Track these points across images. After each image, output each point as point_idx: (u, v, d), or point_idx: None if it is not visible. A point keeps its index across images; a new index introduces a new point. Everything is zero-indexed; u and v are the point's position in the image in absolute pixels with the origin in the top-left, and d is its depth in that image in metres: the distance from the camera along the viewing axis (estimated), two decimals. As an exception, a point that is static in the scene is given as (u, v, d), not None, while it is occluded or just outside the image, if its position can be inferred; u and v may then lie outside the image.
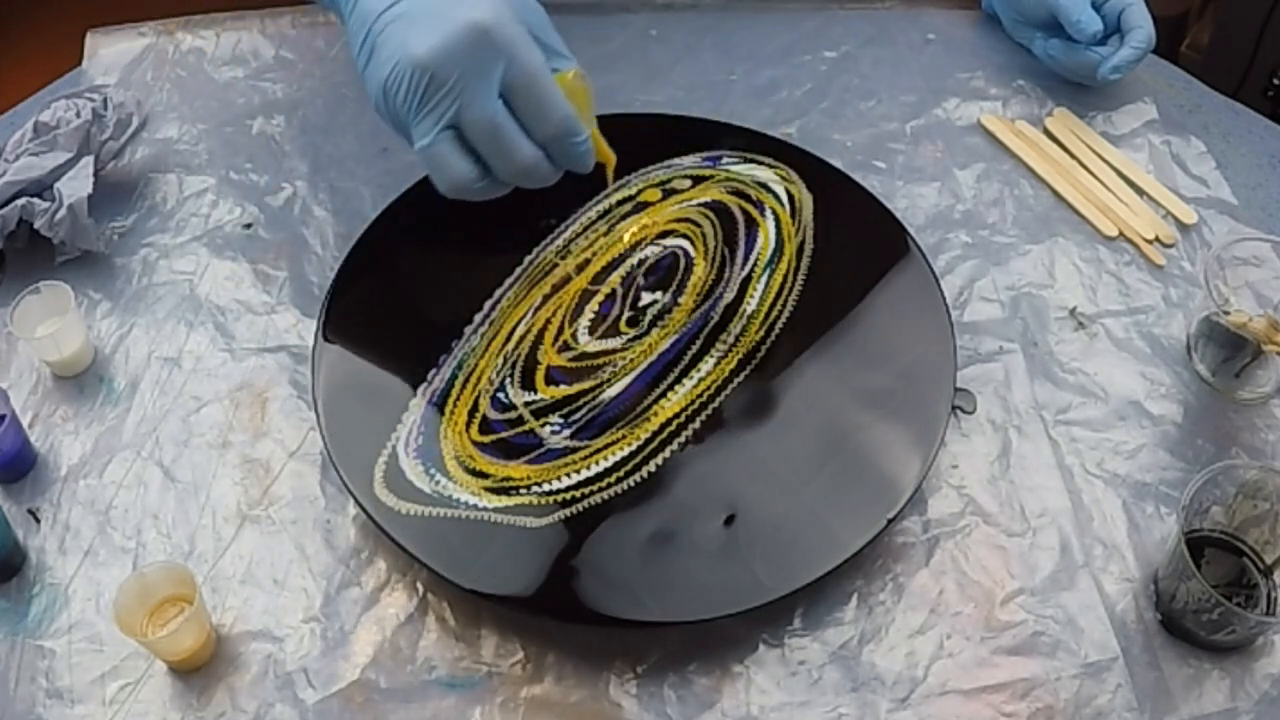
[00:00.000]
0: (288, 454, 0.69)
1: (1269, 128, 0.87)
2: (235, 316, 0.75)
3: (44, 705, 0.60)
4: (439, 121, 0.60)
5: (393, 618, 0.62)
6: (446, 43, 0.58)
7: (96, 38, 0.92)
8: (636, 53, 0.92)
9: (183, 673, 0.60)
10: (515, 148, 0.60)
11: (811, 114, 0.87)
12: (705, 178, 0.79)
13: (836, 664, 0.61)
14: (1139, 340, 0.74)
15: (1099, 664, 0.61)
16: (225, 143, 0.85)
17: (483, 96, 0.59)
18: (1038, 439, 0.69)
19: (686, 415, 0.67)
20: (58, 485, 0.67)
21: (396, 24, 0.60)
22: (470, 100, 0.59)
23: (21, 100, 0.88)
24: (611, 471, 0.65)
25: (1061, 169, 0.83)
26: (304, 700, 0.60)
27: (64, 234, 0.75)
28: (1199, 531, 0.63)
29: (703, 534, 0.63)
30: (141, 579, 0.60)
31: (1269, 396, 0.71)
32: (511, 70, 0.59)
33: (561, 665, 0.61)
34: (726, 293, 0.73)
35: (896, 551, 0.65)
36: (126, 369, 0.72)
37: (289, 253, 0.78)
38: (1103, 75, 0.83)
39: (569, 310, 0.73)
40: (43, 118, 0.79)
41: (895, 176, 0.83)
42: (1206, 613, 0.59)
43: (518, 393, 0.69)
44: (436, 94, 0.59)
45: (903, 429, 0.67)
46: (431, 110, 0.59)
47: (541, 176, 0.63)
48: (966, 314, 0.75)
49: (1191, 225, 0.80)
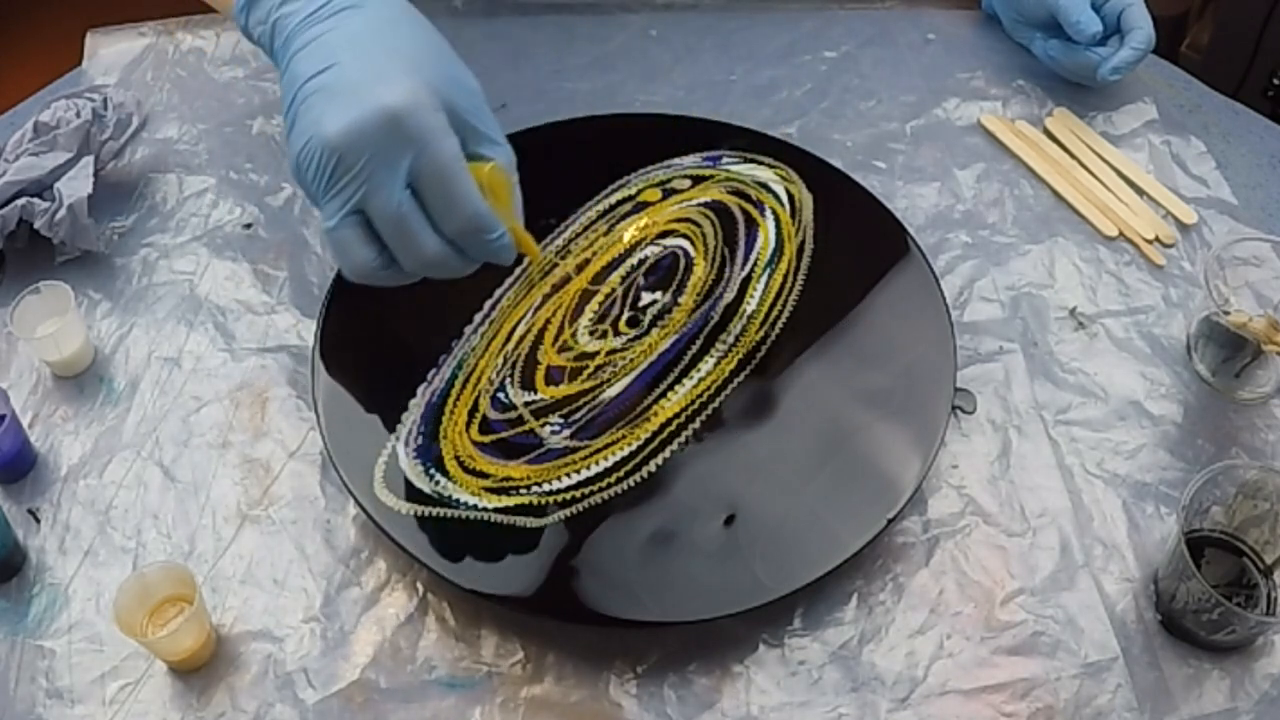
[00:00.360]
0: (288, 454, 0.69)
1: (1269, 128, 0.87)
2: (235, 316, 0.75)
3: (44, 705, 0.60)
4: (344, 205, 0.56)
5: (393, 618, 0.62)
6: (356, 125, 0.55)
7: (96, 38, 0.92)
8: (636, 53, 0.92)
9: (183, 673, 0.60)
10: (420, 241, 0.57)
11: (811, 114, 0.87)
12: (705, 178, 0.79)
13: (836, 664, 0.61)
14: (1139, 340, 0.74)
15: (1099, 664, 0.61)
16: (225, 143, 0.85)
17: (389, 185, 0.56)
18: (1038, 439, 0.69)
19: (686, 415, 0.67)
20: (58, 485, 0.67)
21: (316, 96, 0.57)
22: (376, 188, 0.56)
23: (21, 100, 0.88)
24: (611, 471, 0.65)
25: (1061, 169, 0.83)
26: (304, 700, 0.60)
27: (64, 234, 0.75)
28: (1199, 531, 0.63)
29: (703, 534, 0.63)
30: (141, 579, 0.60)
31: (1269, 396, 0.71)
32: (421, 160, 0.56)
33: (561, 665, 0.61)
34: (726, 293, 0.73)
35: (896, 551, 0.65)
36: (126, 369, 0.72)
37: (289, 253, 0.78)
38: (1102, 76, 0.83)
39: (569, 310, 0.73)
40: (43, 118, 0.79)
41: (895, 176, 0.83)
42: (1206, 613, 0.59)
43: (518, 393, 0.69)
44: (343, 178, 0.56)
45: (903, 429, 0.67)
46: (338, 193, 0.56)
47: (451, 269, 0.59)
48: (966, 314, 0.75)
49: (1191, 225, 0.80)
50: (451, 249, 0.58)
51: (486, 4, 0.94)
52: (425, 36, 0.60)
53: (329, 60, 0.57)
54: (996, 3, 0.91)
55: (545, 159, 0.81)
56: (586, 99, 0.87)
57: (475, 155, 0.59)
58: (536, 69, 0.90)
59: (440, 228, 0.57)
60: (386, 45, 0.58)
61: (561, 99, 0.87)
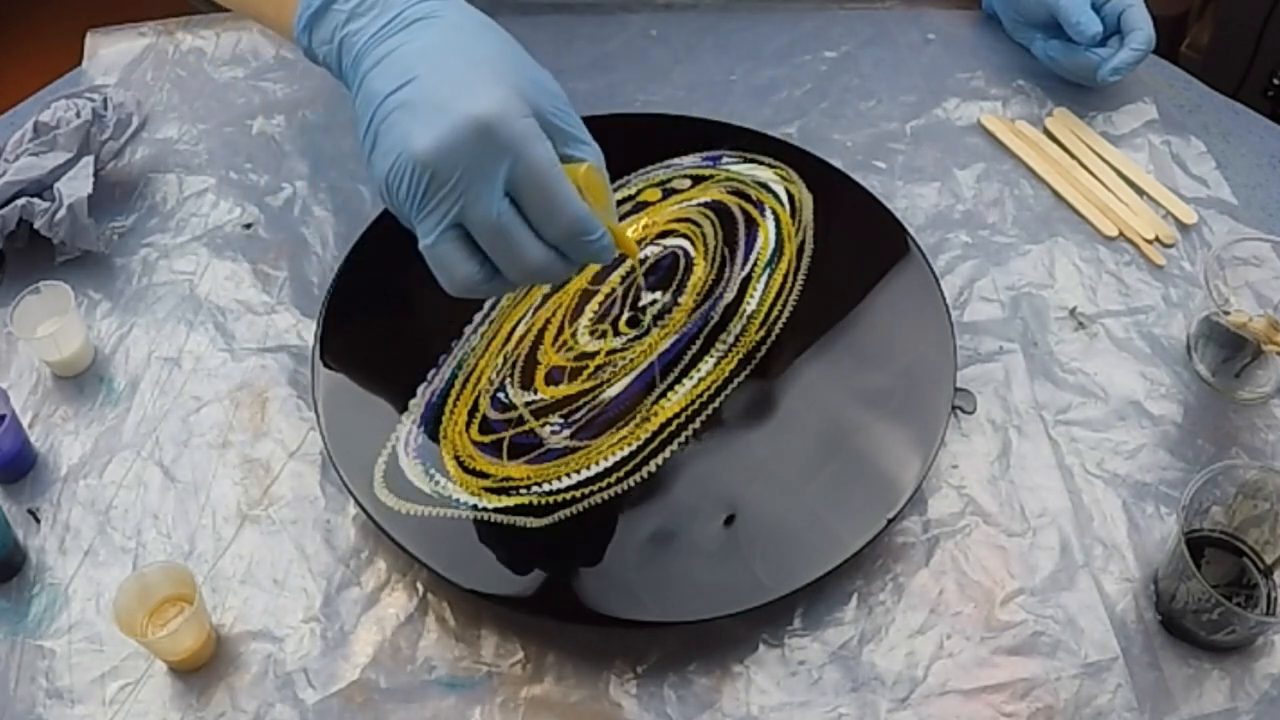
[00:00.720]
0: (288, 454, 0.69)
1: (1269, 128, 0.87)
2: (235, 316, 0.75)
3: (44, 705, 0.60)
4: (442, 220, 0.55)
5: (393, 618, 0.62)
6: (448, 139, 0.54)
7: (96, 38, 0.92)
8: (636, 53, 0.92)
9: (183, 673, 0.60)
10: (523, 249, 0.56)
11: (811, 114, 0.87)
12: (705, 177, 0.79)
13: (836, 664, 0.61)
14: (1139, 340, 0.74)
15: (1099, 664, 0.61)
16: (225, 143, 0.85)
17: (487, 196, 0.54)
18: (1038, 439, 0.69)
19: (686, 415, 0.67)
20: (58, 485, 0.67)
21: (399, 112, 0.56)
22: (474, 200, 0.54)
23: (21, 100, 0.88)
24: (611, 471, 0.65)
25: (1061, 169, 0.83)
26: (304, 700, 0.60)
27: (64, 234, 0.75)
28: (1199, 531, 0.63)
29: (703, 534, 0.63)
30: (141, 579, 0.60)
31: (1269, 396, 0.71)
32: (518, 168, 0.54)
33: (561, 665, 0.61)
34: (726, 293, 0.73)
35: (896, 551, 0.65)
36: (126, 369, 0.72)
37: (289, 253, 0.78)
38: (1102, 77, 0.83)
39: (569, 310, 0.73)
40: (43, 118, 0.79)
41: (895, 176, 0.83)
42: (1206, 613, 0.59)
43: (518, 393, 0.69)
44: (438, 193, 0.54)
45: (903, 429, 0.67)
46: (434, 209, 0.55)
47: (554, 275, 0.58)
48: (966, 314, 0.75)
49: (1191, 225, 0.80)
50: (555, 254, 0.57)
51: (486, 4, 0.94)
52: (502, 43, 0.59)
53: (407, 75, 0.56)
54: (997, 3, 0.91)
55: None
56: (586, 99, 0.87)
57: (566, 157, 0.58)
58: (536, 69, 0.90)
59: (542, 234, 0.56)
60: (465, 55, 0.57)
61: (561, 99, 0.87)
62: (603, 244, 0.57)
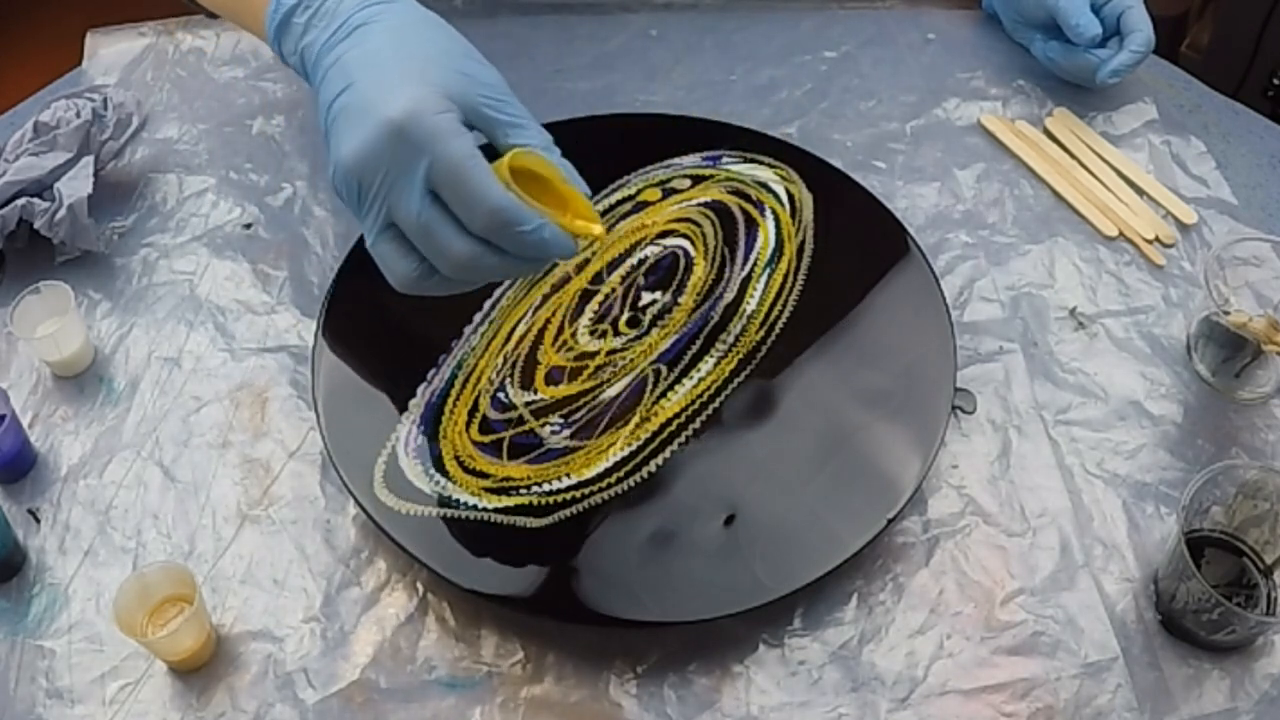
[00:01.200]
0: (288, 454, 0.69)
1: (1269, 128, 0.87)
2: (235, 316, 0.75)
3: (44, 705, 0.60)
4: (376, 221, 0.57)
5: (393, 618, 0.62)
6: (367, 144, 0.55)
7: (96, 38, 0.92)
8: (636, 53, 0.92)
9: (183, 673, 0.60)
10: (446, 244, 0.56)
11: (811, 114, 0.87)
12: (705, 177, 0.79)
13: (836, 664, 0.61)
14: (1139, 340, 0.74)
15: (1099, 664, 0.61)
16: (225, 143, 0.85)
17: (408, 195, 0.56)
18: (1038, 439, 0.69)
19: (687, 415, 0.67)
20: (58, 485, 0.67)
21: (338, 119, 0.57)
22: (397, 200, 0.56)
23: (21, 100, 0.88)
24: (612, 472, 0.65)
25: (1061, 169, 0.83)
26: (304, 700, 0.60)
27: (64, 234, 0.75)
28: (1199, 531, 0.63)
29: (703, 534, 0.63)
30: (141, 579, 0.60)
31: (1269, 396, 0.71)
32: (434, 165, 0.55)
33: (561, 665, 0.61)
34: (726, 293, 0.73)
35: (896, 551, 0.65)
36: (126, 369, 0.72)
37: (289, 253, 0.78)
38: (1101, 79, 0.83)
39: (569, 310, 0.73)
40: (43, 118, 0.79)
41: (895, 176, 0.83)
42: (1206, 613, 0.59)
43: (518, 393, 0.69)
44: (368, 196, 0.57)
45: (903, 429, 0.67)
46: (369, 211, 0.57)
47: (491, 268, 0.58)
48: (966, 314, 0.75)
49: (1191, 225, 0.80)
50: (487, 248, 0.57)
51: (486, 4, 0.94)
52: (438, 38, 0.60)
53: (346, 81, 0.58)
54: (997, 3, 0.91)
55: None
56: (586, 99, 0.87)
57: (508, 146, 0.58)
58: (536, 69, 0.90)
59: (468, 228, 0.56)
60: (399, 56, 0.58)
61: (561, 99, 0.87)
62: (540, 235, 0.56)
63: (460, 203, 0.56)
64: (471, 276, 0.58)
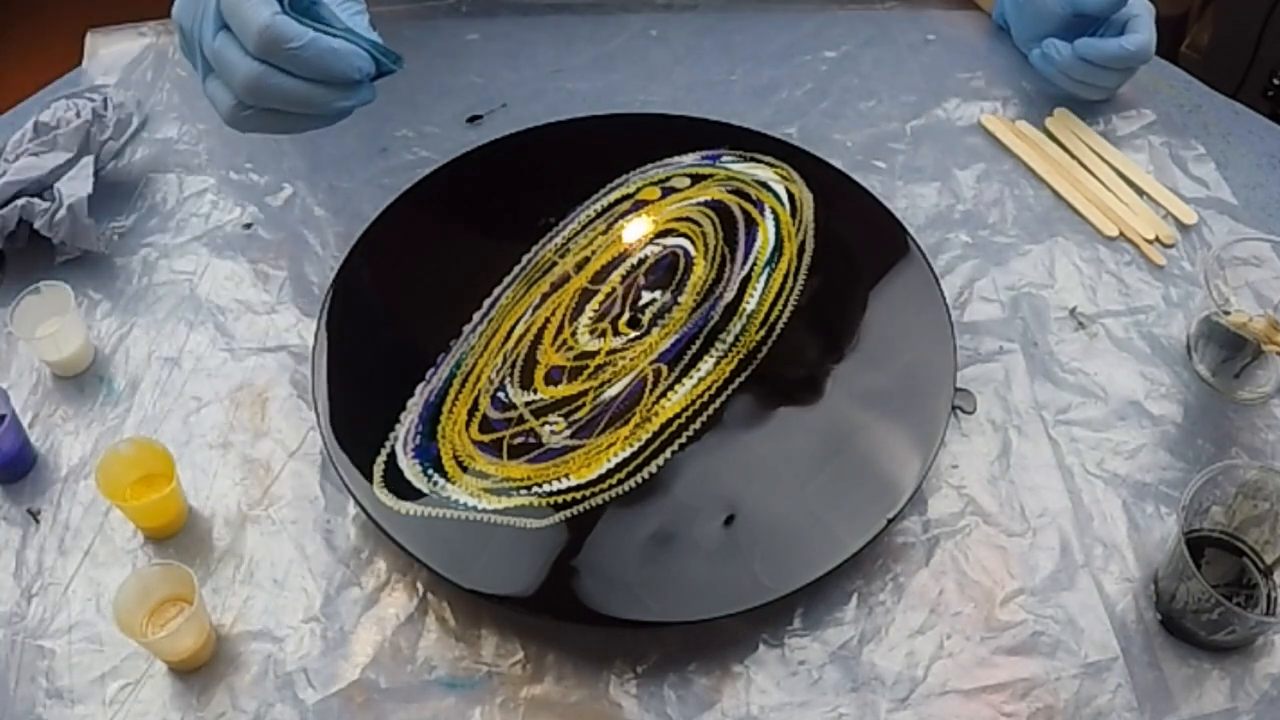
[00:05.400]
0: (288, 454, 0.69)
1: (1269, 128, 0.87)
2: (235, 316, 0.75)
3: (44, 705, 0.60)
4: (201, 64, 0.66)
5: (393, 618, 0.62)
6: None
7: (96, 38, 0.92)
8: (636, 53, 0.92)
9: (183, 673, 0.60)
10: (233, 68, 0.63)
11: (811, 114, 0.87)
12: (704, 176, 0.79)
13: (836, 664, 0.61)
14: (1139, 340, 0.74)
15: (1099, 664, 0.61)
16: (225, 143, 0.85)
17: (207, 31, 0.64)
18: (1038, 439, 0.69)
19: (687, 416, 0.67)
20: (58, 485, 0.67)
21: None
22: (203, 38, 0.64)
23: (21, 100, 0.88)
24: (612, 474, 0.65)
25: (1062, 169, 0.83)
26: (304, 700, 0.60)
27: (64, 234, 0.75)
28: (1199, 531, 0.63)
29: (703, 534, 0.63)
30: (141, 579, 0.60)
31: (1269, 396, 0.71)
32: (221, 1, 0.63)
33: (561, 665, 0.61)
34: (726, 292, 0.73)
35: (896, 551, 0.65)
36: (126, 369, 0.72)
37: (289, 253, 0.78)
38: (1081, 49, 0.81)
39: (569, 309, 0.73)
40: (43, 118, 0.79)
41: (895, 176, 0.83)
42: (1206, 613, 0.59)
43: (517, 392, 0.69)
44: (190, 40, 0.66)
45: (903, 429, 0.67)
46: (193, 56, 0.67)
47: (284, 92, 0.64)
48: (966, 314, 0.75)
49: (1191, 225, 0.80)
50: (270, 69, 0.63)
51: (486, 4, 0.94)
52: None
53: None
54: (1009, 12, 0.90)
55: (545, 159, 0.81)
56: (586, 99, 0.87)
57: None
58: (536, 69, 0.90)
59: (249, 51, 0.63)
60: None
61: (561, 99, 0.87)
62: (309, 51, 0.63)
63: (238, 27, 0.62)
64: (269, 100, 0.64)
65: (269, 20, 0.61)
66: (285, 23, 0.62)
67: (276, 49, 0.62)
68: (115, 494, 0.64)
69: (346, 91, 0.66)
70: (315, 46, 0.63)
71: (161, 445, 0.65)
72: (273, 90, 0.64)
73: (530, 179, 0.80)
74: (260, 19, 0.61)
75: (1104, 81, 0.84)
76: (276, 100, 0.65)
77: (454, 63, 0.71)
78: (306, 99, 0.65)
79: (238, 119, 0.66)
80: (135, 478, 0.65)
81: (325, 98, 0.65)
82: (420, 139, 0.84)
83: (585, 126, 0.82)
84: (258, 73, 0.63)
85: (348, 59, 0.64)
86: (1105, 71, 0.83)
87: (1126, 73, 0.84)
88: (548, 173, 0.80)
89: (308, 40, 0.62)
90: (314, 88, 0.64)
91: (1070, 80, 0.85)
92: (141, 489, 0.65)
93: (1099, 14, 0.82)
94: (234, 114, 0.66)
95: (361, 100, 0.67)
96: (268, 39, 0.62)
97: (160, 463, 0.64)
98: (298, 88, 0.64)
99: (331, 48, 0.64)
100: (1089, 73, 0.83)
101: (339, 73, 0.64)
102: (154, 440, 0.65)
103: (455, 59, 0.90)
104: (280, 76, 0.63)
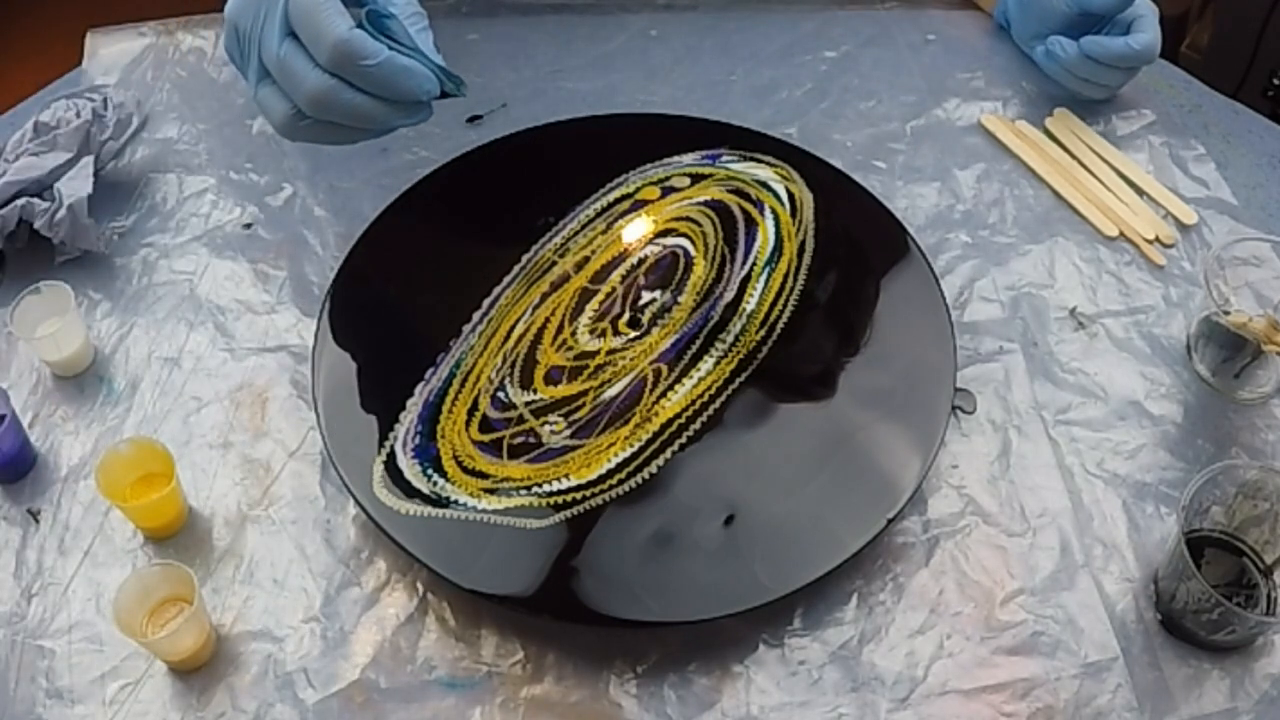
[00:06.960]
0: (288, 454, 0.69)
1: (1269, 128, 0.87)
2: (235, 316, 0.75)
3: (44, 705, 0.60)
4: (255, 68, 0.64)
5: (393, 618, 0.62)
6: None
7: (96, 38, 0.92)
8: (636, 53, 0.92)
9: (183, 673, 0.60)
10: (300, 77, 0.61)
11: (811, 114, 0.87)
12: (704, 175, 0.79)
13: (836, 664, 0.61)
14: (1139, 340, 0.74)
15: (1099, 664, 0.61)
16: (225, 143, 0.85)
17: (271, 36, 0.62)
18: (1038, 439, 0.69)
19: (687, 416, 0.67)
20: (58, 485, 0.67)
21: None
22: (265, 42, 0.62)
23: (21, 100, 0.88)
24: (612, 474, 0.65)
25: (1062, 169, 0.83)
26: (304, 700, 0.60)
27: (64, 234, 0.75)
28: (1199, 531, 0.63)
29: (703, 534, 0.63)
30: (141, 579, 0.60)
31: (1269, 396, 0.71)
32: (292, 5, 0.61)
33: (561, 665, 0.61)
34: (726, 292, 0.73)
35: (896, 551, 0.65)
36: (126, 369, 0.72)
37: (289, 253, 0.78)
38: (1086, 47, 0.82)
39: (569, 309, 0.73)
40: (43, 118, 0.79)
41: (895, 176, 0.83)
42: (1206, 613, 0.59)
43: (517, 392, 0.69)
44: (245, 43, 0.64)
45: (903, 429, 0.67)
46: (248, 58, 0.64)
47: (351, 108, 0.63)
48: (966, 314, 0.75)
49: (1191, 225, 0.80)
50: (340, 83, 0.62)
51: (486, 4, 0.94)
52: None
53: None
54: (1012, 10, 0.90)
55: (545, 159, 0.81)
56: (586, 99, 0.87)
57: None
58: (536, 69, 0.90)
59: (319, 62, 0.61)
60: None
61: (561, 99, 0.87)
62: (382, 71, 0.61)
63: (310, 37, 0.61)
64: (333, 114, 0.63)
65: (346, 35, 0.60)
66: (362, 38, 0.60)
67: (350, 64, 0.61)
68: (115, 494, 0.64)
69: (409, 111, 0.65)
70: (390, 65, 0.62)
71: (161, 445, 0.65)
72: (339, 104, 0.62)
73: (530, 179, 0.80)
74: (337, 32, 0.60)
75: (1108, 80, 0.84)
76: (341, 114, 0.63)
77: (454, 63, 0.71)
78: (370, 115, 0.64)
79: (293, 128, 0.64)
80: (135, 478, 0.65)
81: (388, 115, 0.64)
82: (420, 139, 0.84)
83: (585, 126, 0.82)
84: (327, 86, 0.62)
85: (418, 80, 0.63)
86: (1110, 70, 0.83)
87: (1131, 72, 0.84)
88: (547, 173, 0.80)
89: (383, 59, 0.61)
90: (379, 105, 0.63)
91: (1074, 78, 0.85)
92: (141, 489, 0.65)
93: (1105, 13, 0.82)
94: (290, 123, 0.64)
95: (420, 120, 0.67)
96: (343, 53, 0.60)
97: (160, 463, 0.64)
98: (364, 104, 0.63)
99: (405, 67, 0.62)
100: (1094, 71, 0.83)
101: (407, 92, 0.63)
102: (154, 440, 0.65)
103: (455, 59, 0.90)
104: (350, 92, 0.62)
